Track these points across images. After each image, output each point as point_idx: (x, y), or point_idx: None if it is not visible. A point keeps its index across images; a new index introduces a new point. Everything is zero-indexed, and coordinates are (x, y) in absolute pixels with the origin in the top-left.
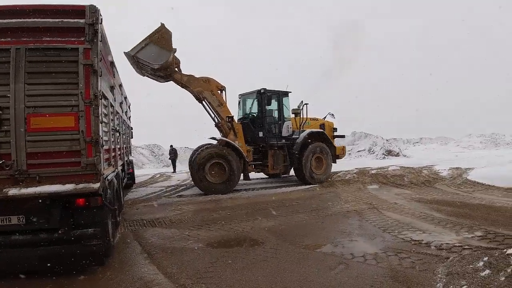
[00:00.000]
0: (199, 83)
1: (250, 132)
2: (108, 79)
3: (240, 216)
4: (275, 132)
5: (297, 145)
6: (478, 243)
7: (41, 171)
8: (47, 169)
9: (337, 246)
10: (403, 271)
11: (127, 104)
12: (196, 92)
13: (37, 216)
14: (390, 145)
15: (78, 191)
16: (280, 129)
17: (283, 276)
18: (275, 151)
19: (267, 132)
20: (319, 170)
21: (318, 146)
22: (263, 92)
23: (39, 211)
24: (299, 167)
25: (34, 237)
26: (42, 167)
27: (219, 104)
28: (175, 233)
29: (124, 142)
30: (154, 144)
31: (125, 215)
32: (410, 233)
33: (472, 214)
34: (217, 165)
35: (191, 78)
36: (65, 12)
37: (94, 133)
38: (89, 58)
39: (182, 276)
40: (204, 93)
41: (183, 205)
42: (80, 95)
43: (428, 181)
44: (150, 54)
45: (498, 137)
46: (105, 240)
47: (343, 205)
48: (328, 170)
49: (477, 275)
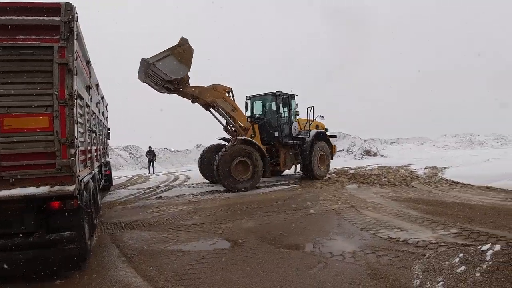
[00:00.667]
0: (210, 92)
1: (265, 132)
2: (84, 79)
3: (220, 217)
4: (287, 132)
5: (307, 144)
6: (453, 240)
7: (15, 173)
8: (21, 171)
9: (316, 245)
10: (381, 269)
11: (104, 104)
12: (210, 102)
13: (11, 219)
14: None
15: (53, 193)
16: (290, 129)
17: (262, 276)
18: (287, 150)
19: (281, 132)
20: (323, 167)
21: (322, 145)
22: (279, 95)
23: (13, 214)
24: (309, 164)
25: (8, 241)
26: (16, 169)
27: (232, 109)
28: (154, 236)
29: (101, 143)
30: (133, 145)
31: (102, 218)
32: (387, 231)
33: (447, 212)
34: (241, 163)
35: (202, 89)
36: (40, 9)
37: (69, 134)
38: (64, 57)
39: (161, 278)
40: (217, 101)
41: (162, 207)
42: (54, 95)
43: (404, 180)
44: (168, 66)
45: (472, 137)
46: (81, 244)
47: (322, 204)
48: (328, 166)
49: (453, 271)
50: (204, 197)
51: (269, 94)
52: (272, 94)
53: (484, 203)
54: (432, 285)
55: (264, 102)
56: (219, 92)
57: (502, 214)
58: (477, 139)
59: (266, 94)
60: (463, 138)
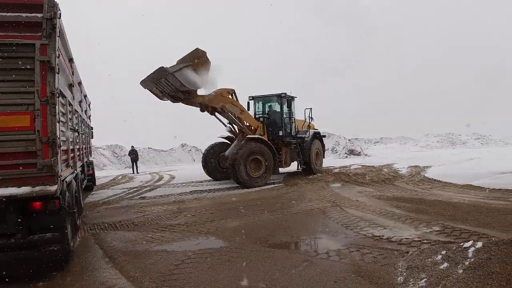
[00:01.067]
0: (218, 98)
1: (269, 131)
2: (67, 77)
3: (205, 216)
4: (289, 131)
5: (307, 143)
6: (436, 237)
7: None
8: (1, 171)
9: (301, 244)
10: (365, 266)
11: (87, 103)
12: (220, 108)
13: None
14: (352, 145)
15: (35, 194)
16: (291, 128)
17: (248, 275)
18: (289, 148)
19: (285, 131)
20: (318, 163)
21: (318, 144)
22: (284, 96)
23: None
24: (309, 161)
25: None
26: None
27: (241, 112)
28: (138, 236)
29: (83, 142)
30: (116, 144)
31: (85, 218)
32: (371, 229)
33: (430, 210)
34: (254, 160)
35: (211, 97)
36: (22, 6)
37: (51, 133)
38: (46, 54)
39: (145, 279)
40: (227, 106)
41: (146, 207)
42: (36, 93)
43: (388, 179)
44: (186, 77)
45: (454, 137)
46: (64, 245)
47: (307, 203)
48: (322, 163)
49: (436, 268)
50: (189, 197)
51: (274, 96)
52: (277, 96)
53: (465, 201)
54: (415, 282)
55: (269, 103)
56: (226, 97)
57: (483, 212)
58: (459, 138)
59: (271, 96)
60: (445, 137)
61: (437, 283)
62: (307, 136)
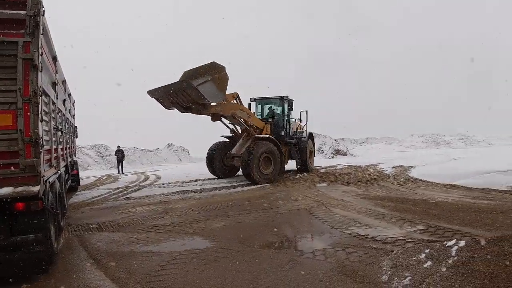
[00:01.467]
0: (229, 106)
1: (271, 131)
2: (50, 75)
3: (191, 217)
4: (288, 132)
5: (304, 143)
6: (420, 236)
7: None
8: None
9: (287, 244)
10: (350, 265)
11: (71, 102)
12: (231, 115)
13: None
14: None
15: (17, 194)
16: (290, 129)
17: (234, 275)
18: (288, 148)
19: (285, 132)
20: (311, 161)
21: (310, 143)
22: (286, 99)
23: None
24: (305, 159)
25: None
26: None
27: (248, 116)
28: (123, 237)
29: (67, 142)
30: (101, 144)
31: (69, 219)
32: (356, 229)
33: (414, 209)
34: (265, 159)
35: (222, 106)
36: (5, 2)
37: (34, 132)
38: (29, 52)
39: (130, 281)
40: (237, 113)
41: (131, 207)
42: (18, 92)
43: (373, 178)
44: (207, 90)
45: (438, 137)
46: (47, 246)
47: (293, 203)
48: (313, 162)
49: (420, 267)
50: (175, 197)
51: (277, 98)
52: (280, 98)
53: (449, 201)
54: (399, 281)
55: (271, 105)
56: (236, 104)
57: (466, 211)
58: (443, 139)
59: (274, 98)
60: (429, 138)
61: (421, 282)
62: (304, 137)
